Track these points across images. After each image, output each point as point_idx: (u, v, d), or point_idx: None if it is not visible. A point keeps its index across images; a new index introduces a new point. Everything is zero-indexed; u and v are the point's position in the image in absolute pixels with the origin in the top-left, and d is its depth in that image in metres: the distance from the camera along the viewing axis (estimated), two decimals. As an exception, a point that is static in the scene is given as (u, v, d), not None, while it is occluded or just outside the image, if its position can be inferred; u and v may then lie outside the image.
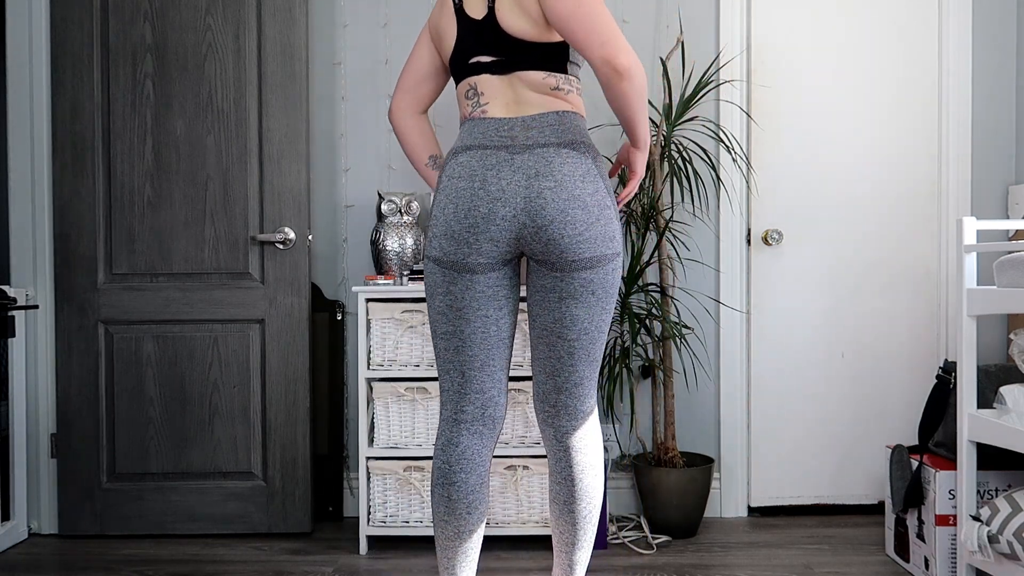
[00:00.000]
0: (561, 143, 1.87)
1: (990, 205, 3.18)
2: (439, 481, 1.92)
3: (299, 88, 2.95)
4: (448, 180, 1.89)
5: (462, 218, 1.84)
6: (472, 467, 1.92)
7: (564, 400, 1.94)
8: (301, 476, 2.97)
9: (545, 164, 1.84)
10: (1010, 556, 2.17)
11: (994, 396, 2.37)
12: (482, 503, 1.93)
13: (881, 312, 3.20)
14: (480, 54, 1.91)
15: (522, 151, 1.85)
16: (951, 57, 3.15)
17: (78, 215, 2.96)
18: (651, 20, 3.16)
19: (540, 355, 1.95)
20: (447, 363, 1.93)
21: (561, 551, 2.02)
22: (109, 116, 2.96)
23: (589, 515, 1.98)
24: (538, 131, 1.87)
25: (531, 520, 2.78)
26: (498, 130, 1.88)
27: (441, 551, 1.94)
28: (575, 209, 1.83)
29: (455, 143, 1.95)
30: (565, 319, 1.89)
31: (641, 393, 3.17)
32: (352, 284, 3.18)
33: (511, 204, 1.83)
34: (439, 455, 1.93)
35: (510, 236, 1.85)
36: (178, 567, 2.69)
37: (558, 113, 1.89)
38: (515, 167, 1.84)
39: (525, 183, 1.83)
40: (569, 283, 1.87)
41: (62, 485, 2.98)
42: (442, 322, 1.92)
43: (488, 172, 1.84)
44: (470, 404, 1.93)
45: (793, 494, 3.20)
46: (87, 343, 2.97)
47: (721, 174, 3.13)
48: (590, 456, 1.97)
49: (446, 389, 1.95)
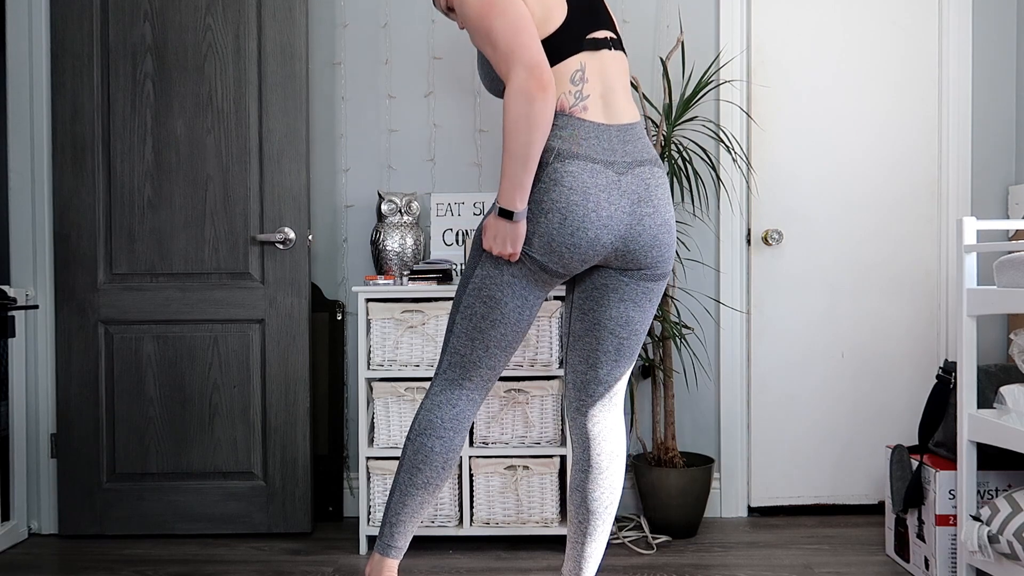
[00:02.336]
0: (652, 161, 1.91)
1: (990, 205, 3.18)
2: (425, 432, 1.93)
3: (299, 88, 2.95)
4: (555, 186, 1.81)
5: (568, 235, 1.82)
6: (460, 428, 1.96)
7: (601, 391, 2.00)
8: (301, 476, 2.97)
9: (645, 188, 1.87)
10: (1010, 556, 2.17)
11: (994, 396, 2.37)
12: (453, 464, 1.97)
13: (881, 312, 3.20)
14: (598, 28, 1.90)
15: (625, 171, 1.86)
16: (951, 57, 3.15)
17: (78, 215, 2.96)
18: (651, 20, 3.16)
19: (585, 347, 1.98)
20: (475, 331, 1.92)
21: (576, 541, 2.05)
22: (109, 116, 2.96)
23: (608, 506, 2.03)
24: (633, 146, 1.89)
25: (531, 520, 2.78)
26: (599, 140, 1.86)
27: (398, 494, 1.95)
28: (664, 234, 1.89)
29: (557, 142, 1.82)
30: (621, 318, 1.94)
31: (641, 393, 3.17)
32: (352, 284, 3.18)
33: (615, 232, 1.85)
34: (432, 409, 1.95)
35: (600, 258, 1.89)
36: (178, 567, 2.69)
37: (639, 125, 1.93)
38: (622, 191, 1.85)
39: (629, 209, 1.85)
40: (633, 288, 1.92)
41: (62, 485, 2.98)
42: (496, 297, 1.89)
43: (601, 194, 1.83)
44: (479, 375, 1.96)
45: (793, 494, 3.20)
46: (87, 343, 2.97)
47: (721, 174, 3.13)
48: (616, 445, 2.03)
49: (459, 353, 1.94)
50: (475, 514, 2.80)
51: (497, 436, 2.80)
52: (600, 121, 1.86)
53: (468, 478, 2.80)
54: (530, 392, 2.77)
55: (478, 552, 2.79)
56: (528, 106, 1.71)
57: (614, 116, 1.88)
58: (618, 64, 1.93)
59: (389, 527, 1.96)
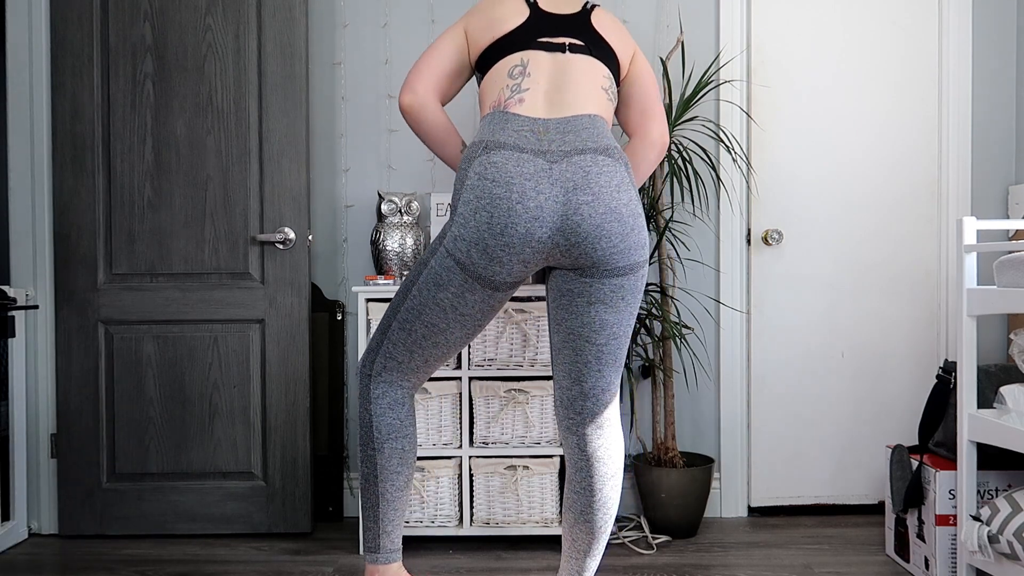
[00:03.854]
0: (599, 150, 1.81)
1: (990, 205, 3.18)
2: (392, 435, 1.94)
3: (299, 88, 2.95)
4: (480, 180, 1.78)
5: (497, 233, 1.76)
6: (414, 422, 2.00)
7: (590, 407, 1.91)
8: (301, 476, 2.97)
9: (583, 176, 1.77)
10: (1010, 556, 2.17)
11: (994, 396, 2.37)
12: (406, 438, 1.98)
13: (881, 312, 3.20)
14: (558, 35, 1.92)
15: (559, 159, 1.78)
16: (951, 57, 3.15)
17: (78, 215, 2.96)
18: (651, 20, 3.16)
19: (565, 360, 1.90)
20: (415, 341, 1.91)
21: (572, 557, 2.00)
22: (109, 116, 2.96)
23: (605, 525, 1.95)
24: (576, 135, 1.82)
25: (531, 520, 2.78)
26: (533, 131, 1.81)
27: (385, 503, 1.96)
28: (612, 223, 1.78)
29: (482, 135, 1.85)
30: (595, 323, 1.84)
31: (641, 393, 3.17)
32: (352, 284, 3.18)
33: (548, 224, 1.76)
34: (386, 412, 1.95)
35: (542, 257, 1.81)
36: (178, 567, 2.69)
37: (590, 116, 1.86)
38: (553, 179, 1.76)
39: (563, 199, 1.76)
40: (599, 288, 1.82)
41: (62, 485, 2.98)
42: (435, 312, 1.87)
43: (527, 183, 1.75)
44: (417, 378, 1.98)
45: (793, 494, 3.20)
46: (87, 343, 2.97)
47: (721, 174, 3.13)
48: (612, 466, 1.94)
49: (401, 353, 1.93)
50: (475, 514, 2.80)
51: (497, 436, 2.80)
52: (535, 115, 1.85)
53: (468, 478, 2.80)
54: (530, 392, 2.77)
55: (478, 552, 2.79)
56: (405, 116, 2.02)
57: (558, 110, 1.86)
58: (581, 65, 1.91)
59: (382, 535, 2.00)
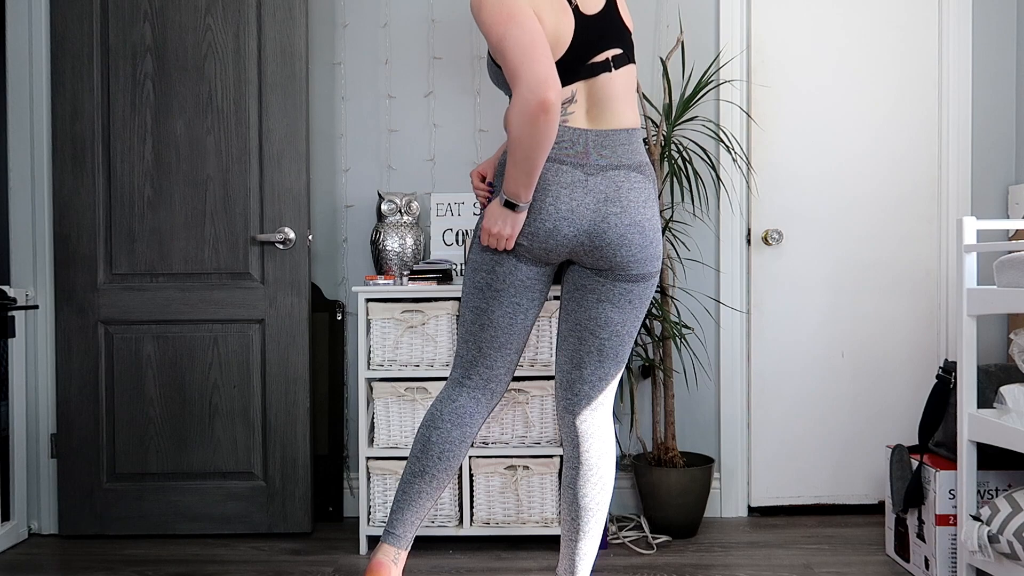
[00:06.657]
0: (633, 166, 1.94)
1: (990, 205, 3.18)
2: (425, 424, 2.02)
3: (299, 88, 2.95)
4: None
5: (528, 223, 1.89)
6: (460, 422, 2.00)
7: (587, 391, 2.03)
8: (301, 476, 2.97)
9: (615, 190, 1.90)
10: (1010, 556, 2.17)
11: (994, 396, 2.37)
12: (454, 457, 2.00)
13: (881, 312, 3.20)
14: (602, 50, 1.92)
15: (596, 172, 1.91)
16: (951, 57, 3.15)
17: (78, 215, 2.96)
18: (651, 20, 3.16)
19: (570, 347, 2.03)
20: (469, 334, 2.01)
21: (569, 539, 2.09)
22: (109, 116, 2.96)
23: (600, 502, 2.06)
24: (612, 151, 1.92)
25: (531, 520, 2.78)
26: (573, 144, 1.91)
27: (401, 489, 2.01)
28: (634, 234, 1.91)
29: None
30: (600, 319, 1.98)
31: (641, 393, 3.17)
32: (352, 284, 3.18)
33: (576, 226, 1.89)
34: (434, 406, 2.03)
35: (565, 250, 1.93)
36: (178, 567, 2.69)
37: (628, 132, 1.95)
38: (588, 189, 1.89)
39: (594, 207, 1.89)
40: (610, 289, 1.96)
41: (62, 485, 2.98)
42: (476, 297, 1.99)
43: (563, 190, 1.88)
44: (477, 375, 2.02)
45: (793, 494, 3.20)
46: (87, 343, 2.97)
47: (721, 174, 3.13)
48: (605, 444, 2.07)
49: (461, 355, 2.04)
50: (475, 514, 2.80)
51: (497, 436, 2.80)
52: (579, 126, 1.92)
53: (468, 478, 2.80)
54: (530, 392, 2.77)
55: (478, 552, 2.79)
56: (530, 127, 1.72)
57: (601, 122, 1.93)
58: (620, 80, 1.95)
59: (391, 513, 2.03)
